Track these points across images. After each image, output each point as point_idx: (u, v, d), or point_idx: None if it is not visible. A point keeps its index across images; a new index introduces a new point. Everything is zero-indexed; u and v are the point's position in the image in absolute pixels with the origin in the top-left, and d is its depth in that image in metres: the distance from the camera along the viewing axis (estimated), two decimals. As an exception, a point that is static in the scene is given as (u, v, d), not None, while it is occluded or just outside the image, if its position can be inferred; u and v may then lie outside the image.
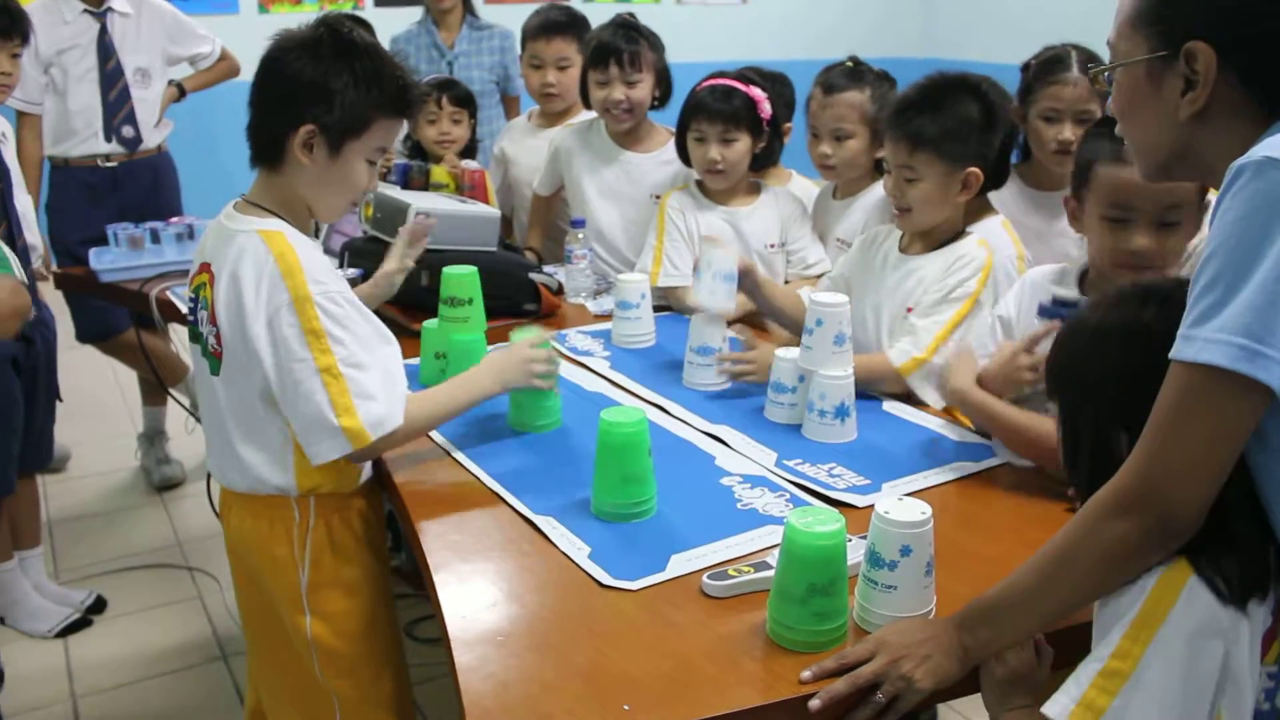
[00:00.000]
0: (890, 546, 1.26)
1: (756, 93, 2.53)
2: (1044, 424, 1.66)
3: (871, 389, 2.01)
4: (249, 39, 5.47)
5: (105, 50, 3.46)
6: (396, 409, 1.61)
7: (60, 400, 2.88)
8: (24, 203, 2.78)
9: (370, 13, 5.99)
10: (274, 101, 1.63)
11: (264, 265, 1.58)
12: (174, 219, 3.16)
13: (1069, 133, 2.29)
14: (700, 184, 2.66)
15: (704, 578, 1.38)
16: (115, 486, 3.73)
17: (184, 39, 3.69)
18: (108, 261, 2.94)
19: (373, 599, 1.77)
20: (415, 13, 3.90)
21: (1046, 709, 1.07)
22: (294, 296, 1.56)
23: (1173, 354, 1.03)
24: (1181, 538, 1.05)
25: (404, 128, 1.73)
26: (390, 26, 3.86)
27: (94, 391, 4.35)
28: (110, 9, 3.48)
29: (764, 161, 2.64)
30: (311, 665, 1.72)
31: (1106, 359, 1.18)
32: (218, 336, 1.63)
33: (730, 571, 1.38)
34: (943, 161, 1.98)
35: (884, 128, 2.09)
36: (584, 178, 2.91)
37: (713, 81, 2.56)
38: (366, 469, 1.75)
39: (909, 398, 2.02)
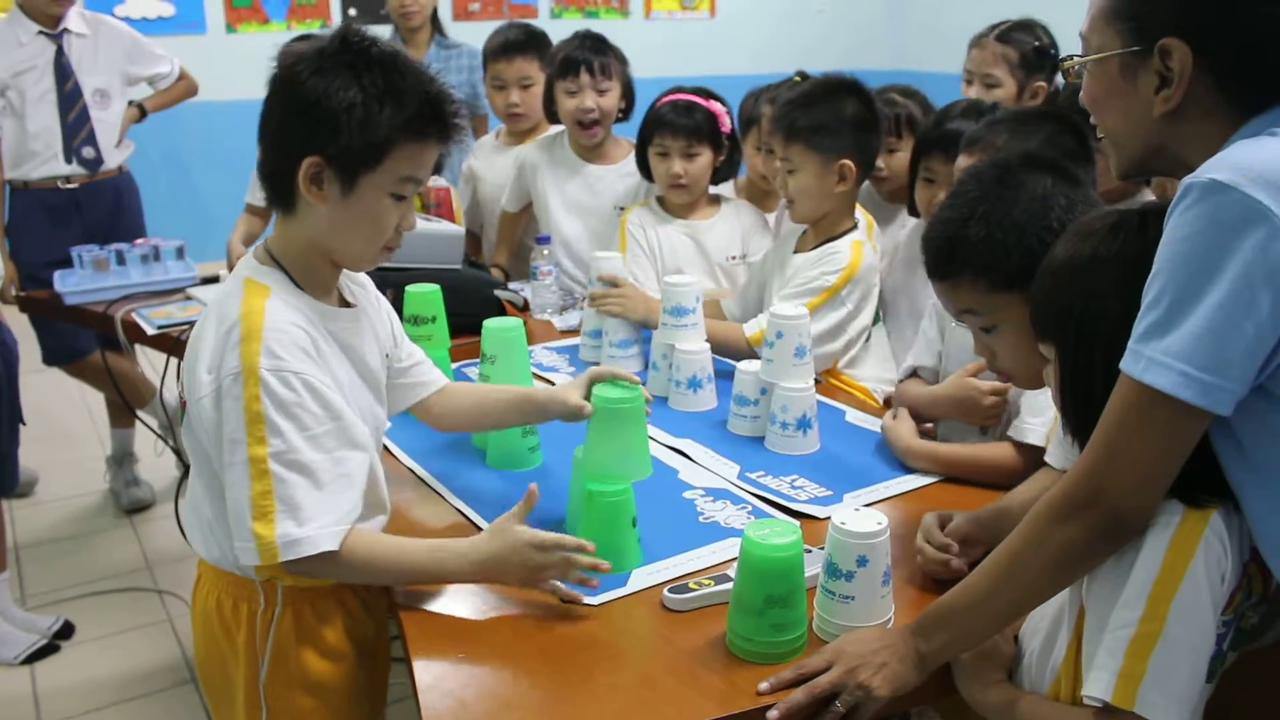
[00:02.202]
0: (847, 557, 1.27)
1: (717, 107, 2.56)
2: (992, 450, 1.71)
3: (720, 354, 2.16)
4: (216, 58, 5.56)
5: (63, 71, 3.43)
6: (326, 532, 1.30)
7: (24, 424, 2.86)
8: None
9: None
10: (275, 132, 1.36)
11: (227, 321, 1.33)
12: (139, 240, 3.14)
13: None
14: (660, 199, 2.68)
15: (664, 591, 1.38)
16: (84, 510, 3.69)
17: (142, 59, 3.65)
18: (72, 284, 2.92)
19: (347, 698, 1.50)
20: (384, 31, 3.90)
21: (1089, 689, 1.05)
22: (242, 367, 1.29)
23: (1122, 364, 1.04)
24: (1131, 536, 1.06)
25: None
26: (357, 45, 3.86)
27: (61, 415, 4.31)
28: (66, 30, 3.44)
29: (723, 175, 2.67)
30: None
31: (1113, 289, 1.10)
32: (182, 389, 1.44)
33: (690, 585, 1.39)
34: (815, 153, 2.13)
35: (770, 125, 2.24)
36: (549, 191, 2.93)
37: (674, 97, 2.58)
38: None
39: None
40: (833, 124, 2.13)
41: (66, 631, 2.93)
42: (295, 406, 1.30)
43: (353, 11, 6.41)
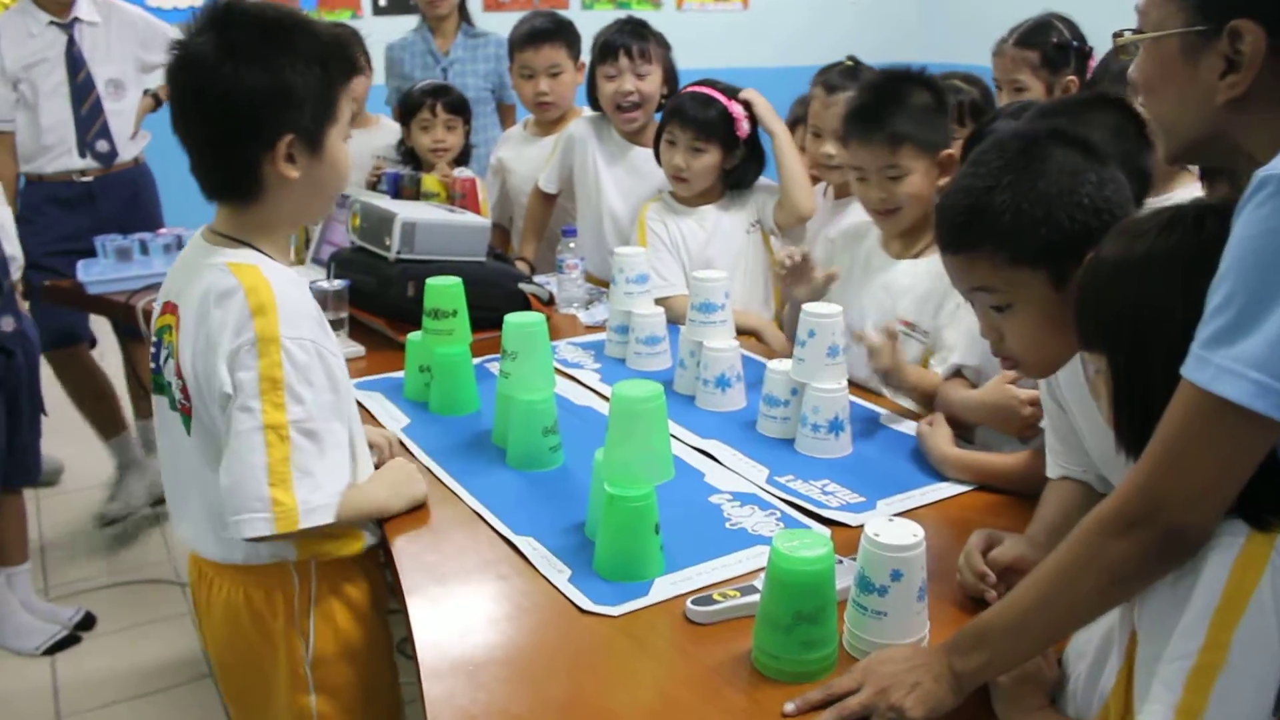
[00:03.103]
0: (880, 570, 1.20)
1: (737, 109, 2.50)
2: (1029, 461, 1.62)
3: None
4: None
5: (75, 62, 3.35)
6: (334, 502, 1.39)
7: (45, 414, 2.83)
8: (3, 215, 2.73)
9: (369, 21, 5.96)
10: (227, 136, 1.37)
11: (232, 303, 1.35)
12: (162, 230, 3.11)
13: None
14: (671, 191, 2.65)
15: (688, 603, 1.32)
16: (107, 500, 3.67)
17: (157, 44, 3.53)
18: (95, 273, 2.90)
19: (379, 663, 1.58)
20: (414, 21, 3.86)
21: None
22: (259, 336, 1.33)
23: (1185, 371, 0.96)
24: (1189, 555, 0.99)
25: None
26: (388, 35, 3.83)
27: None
28: (77, 19, 3.34)
29: (738, 180, 2.61)
30: None
31: (1171, 290, 1.02)
32: (184, 390, 1.41)
33: (715, 596, 1.33)
34: (925, 152, 2.00)
35: (848, 134, 2.07)
36: (600, 169, 2.89)
37: (696, 88, 2.52)
38: (371, 532, 1.54)
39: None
40: (931, 118, 2.01)
41: (88, 623, 2.92)
42: (312, 373, 1.36)
43: (383, 1, 6.38)
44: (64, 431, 3.60)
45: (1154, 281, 1.05)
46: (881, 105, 2.00)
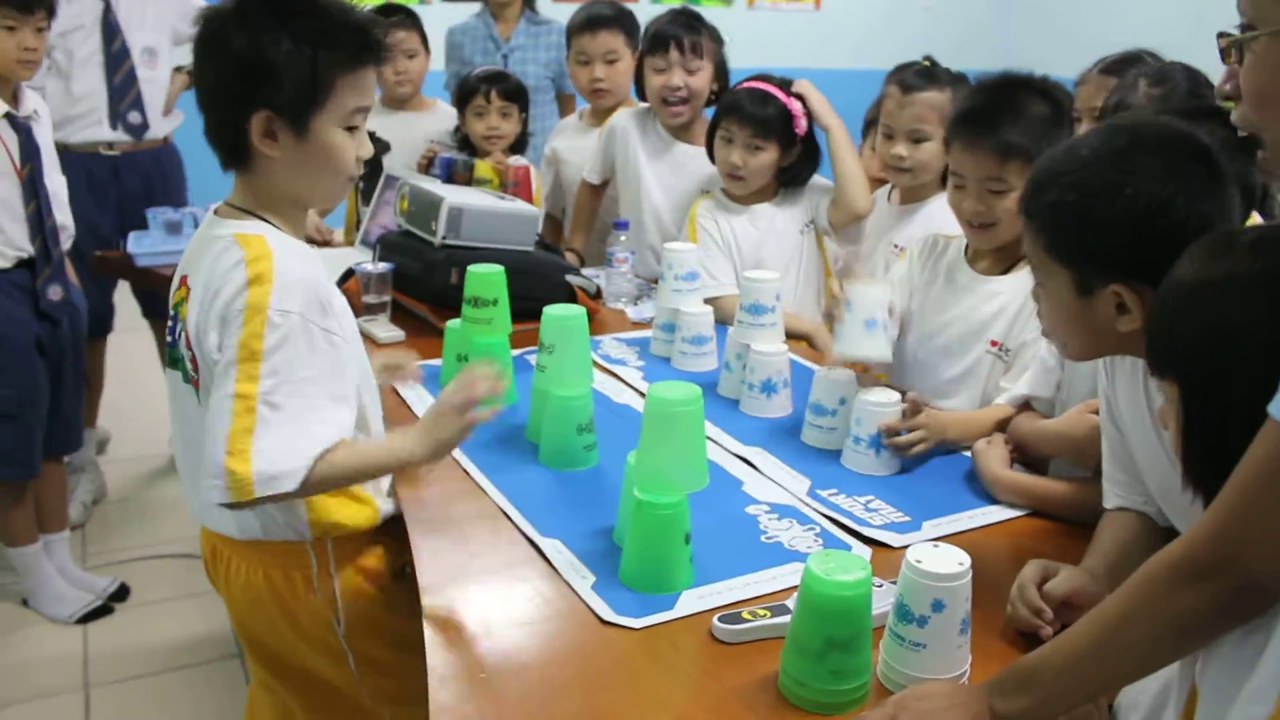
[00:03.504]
0: (921, 600, 1.13)
1: (795, 105, 2.42)
2: (1087, 489, 1.53)
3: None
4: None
5: (110, 30, 3.24)
6: (299, 466, 1.31)
7: (88, 384, 2.83)
8: (56, 183, 2.71)
9: (435, 6, 5.95)
10: (218, 94, 1.38)
11: (233, 272, 1.34)
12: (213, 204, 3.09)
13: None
14: (725, 189, 2.56)
15: (714, 619, 1.25)
16: (151, 472, 3.68)
17: (193, 15, 3.52)
18: (146, 246, 2.90)
19: (413, 627, 1.50)
20: (477, 6, 3.82)
21: None
22: (249, 304, 1.31)
23: (1274, 411, 0.86)
24: (1264, 609, 0.90)
25: (376, 85, 1.46)
26: (452, 19, 3.79)
27: (136, 374, 4.32)
28: None
29: (792, 179, 2.52)
30: (360, 696, 1.58)
31: (1256, 316, 0.94)
32: (194, 361, 1.40)
33: (744, 614, 1.25)
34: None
35: (954, 137, 1.92)
36: (641, 162, 2.82)
37: (753, 83, 2.44)
38: (387, 504, 1.55)
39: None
40: (1043, 130, 1.81)
41: (122, 594, 2.92)
42: (293, 347, 1.32)
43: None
44: (110, 402, 3.63)
45: (1236, 305, 0.96)
46: (995, 112, 1.82)
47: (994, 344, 1.90)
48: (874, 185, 2.68)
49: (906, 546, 1.43)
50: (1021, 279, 1.88)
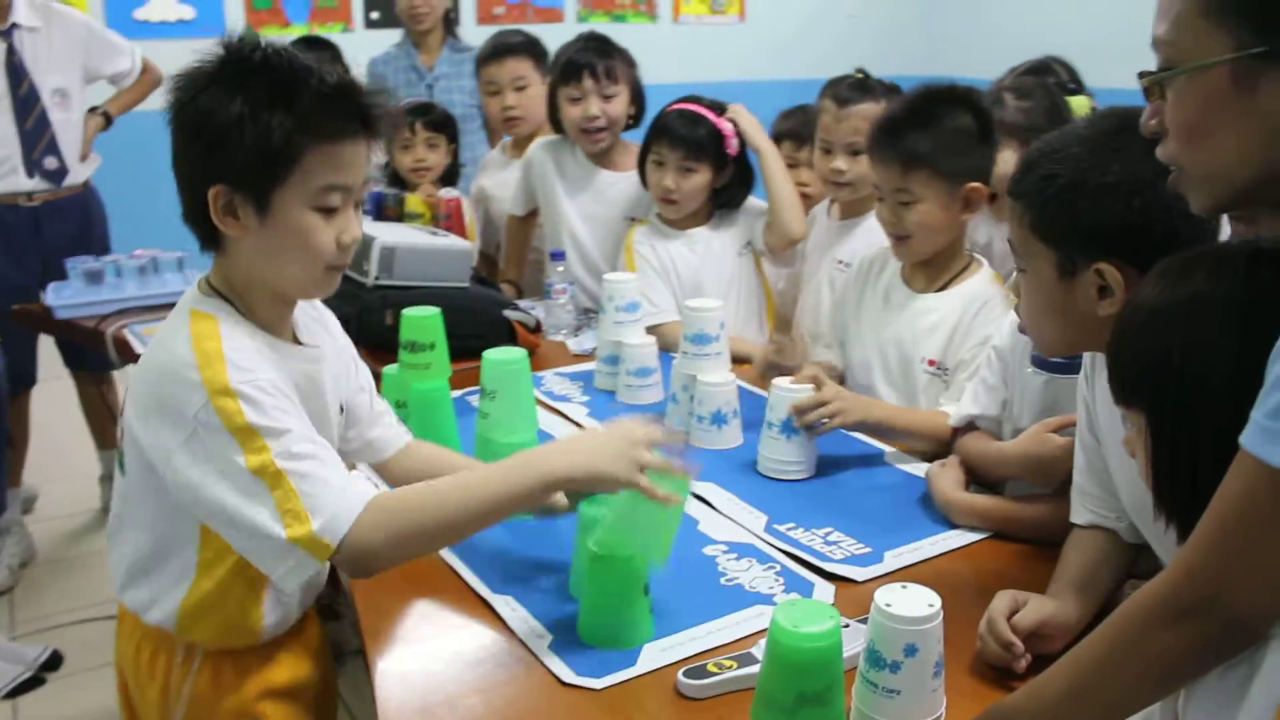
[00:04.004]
0: (893, 645, 1.08)
1: (725, 126, 2.40)
2: (1041, 507, 1.52)
3: (919, 448, 1.82)
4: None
5: (16, 73, 3.09)
6: (355, 501, 1.19)
7: (11, 445, 2.71)
8: None
9: (360, 35, 5.87)
10: (177, 166, 1.24)
11: (178, 352, 1.20)
12: (138, 251, 2.99)
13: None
14: (659, 213, 2.53)
15: (679, 674, 1.20)
16: (80, 530, 3.55)
17: (101, 52, 3.33)
18: (66, 297, 2.78)
19: None
20: (396, 35, 3.75)
21: None
22: (210, 391, 1.16)
23: (1247, 443, 0.83)
24: (1248, 646, 0.87)
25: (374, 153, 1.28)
26: (380, 49, 3.72)
27: (59, 427, 4.17)
28: (16, 25, 3.10)
29: (727, 200, 2.50)
30: None
31: (1223, 340, 0.92)
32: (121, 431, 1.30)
33: (710, 667, 1.20)
34: (943, 180, 1.81)
35: (869, 149, 1.92)
36: (560, 197, 2.77)
37: (683, 105, 2.41)
38: (288, 613, 1.38)
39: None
40: (957, 143, 1.82)
41: (54, 662, 2.78)
42: (276, 408, 1.19)
43: (375, 14, 6.28)
44: (34, 458, 3.49)
45: (1200, 330, 0.94)
46: (905, 123, 1.83)
47: (931, 363, 1.89)
48: (813, 202, 2.67)
49: (870, 580, 1.42)
50: (956, 296, 1.88)
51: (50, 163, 3.18)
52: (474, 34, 3.88)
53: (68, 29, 3.25)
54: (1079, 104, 2.17)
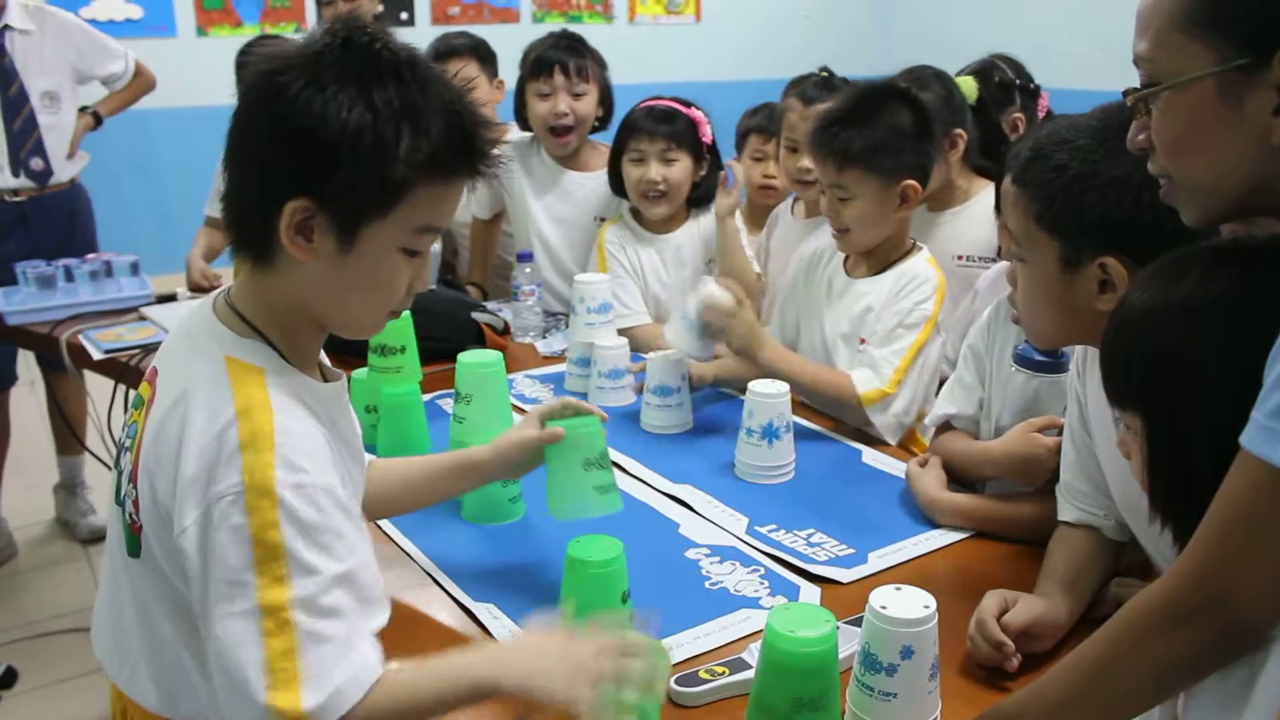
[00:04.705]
0: (889, 648, 1.07)
1: (697, 115, 2.39)
2: (1025, 505, 1.53)
3: (826, 411, 1.93)
4: (187, 63, 5.31)
5: (6, 74, 3.11)
6: (362, 677, 0.96)
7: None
8: None
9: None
10: (250, 162, 1.02)
11: (218, 421, 0.98)
12: (90, 255, 2.91)
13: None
14: (635, 214, 2.50)
15: (671, 682, 1.18)
16: (34, 540, 3.45)
17: (95, 56, 3.34)
18: (16, 302, 2.70)
19: None
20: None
21: None
22: (248, 483, 0.94)
23: (1248, 443, 0.83)
24: (1252, 649, 0.86)
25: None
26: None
27: (20, 432, 4.04)
28: (8, 26, 3.11)
29: (701, 197, 2.47)
30: None
31: (1218, 341, 0.91)
32: (136, 504, 1.04)
33: (702, 674, 1.19)
34: (875, 176, 1.85)
35: (809, 145, 1.95)
36: (527, 198, 2.73)
37: (652, 102, 2.40)
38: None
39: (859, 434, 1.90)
40: (893, 141, 1.84)
41: (8, 680, 2.70)
42: (326, 534, 0.97)
43: (328, 14, 6.20)
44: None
45: (1196, 330, 0.93)
46: (842, 121, 1.87)
47: (863, 342, 1.93)
48: (755, 204, 2.68)
49: (856, 582, 1.41)
50: (889, 277, 1.94)
51: (36, 163, 3.18)
52: (428, 34, 3.82)
53: (61, 33, 3.26)
54: (966, 85, 2.29)
